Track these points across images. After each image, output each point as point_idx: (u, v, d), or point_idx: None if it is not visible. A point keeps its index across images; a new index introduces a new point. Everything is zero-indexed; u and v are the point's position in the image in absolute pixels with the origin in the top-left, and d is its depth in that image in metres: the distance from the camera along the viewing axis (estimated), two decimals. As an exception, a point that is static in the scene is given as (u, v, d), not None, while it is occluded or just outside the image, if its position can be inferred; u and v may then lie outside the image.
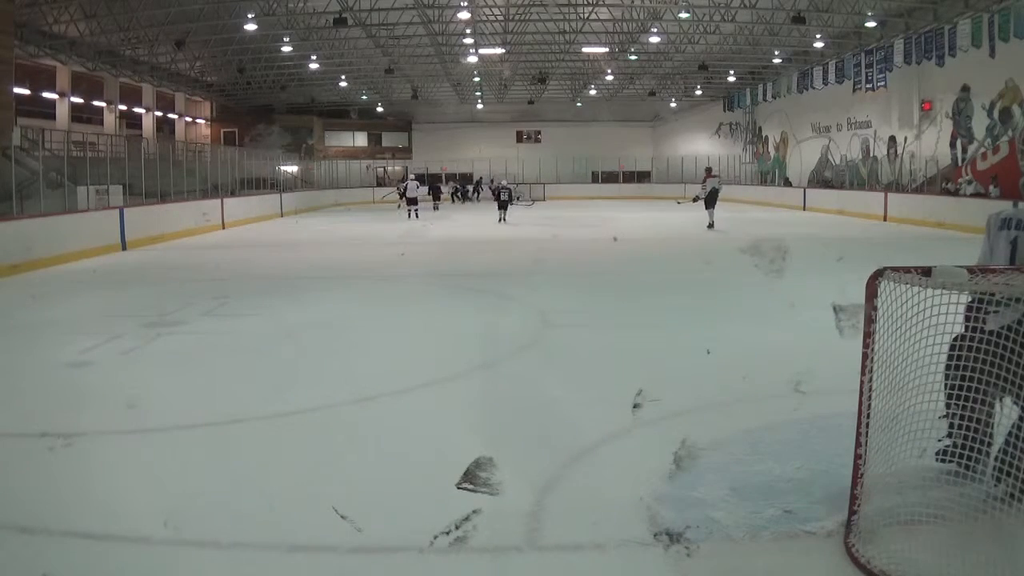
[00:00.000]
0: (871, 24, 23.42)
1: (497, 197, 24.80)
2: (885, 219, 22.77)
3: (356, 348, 7.09)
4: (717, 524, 3.33)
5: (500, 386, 5.75)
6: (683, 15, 24.88)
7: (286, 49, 28.53)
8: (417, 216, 25.63)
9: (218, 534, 3.33)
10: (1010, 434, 3.26)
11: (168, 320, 8.25)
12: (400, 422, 4.92)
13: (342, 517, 3.43)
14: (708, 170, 22.20)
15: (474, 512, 3.45)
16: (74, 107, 27.27)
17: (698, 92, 38.80)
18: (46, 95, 25.99)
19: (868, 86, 25.78)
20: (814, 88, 29.46)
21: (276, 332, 7.78)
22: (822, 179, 31.37)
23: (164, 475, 4.03)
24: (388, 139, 45.49)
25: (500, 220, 23.45)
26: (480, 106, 42.96)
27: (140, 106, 31.76)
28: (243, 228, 22.68)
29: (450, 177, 41.75)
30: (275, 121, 37.93)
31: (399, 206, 29.55)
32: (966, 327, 3.18)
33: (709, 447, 4.11)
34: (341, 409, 5.15)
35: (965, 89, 22.13)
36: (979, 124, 21.66)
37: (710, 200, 19.79)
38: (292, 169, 35.48)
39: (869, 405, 3.06)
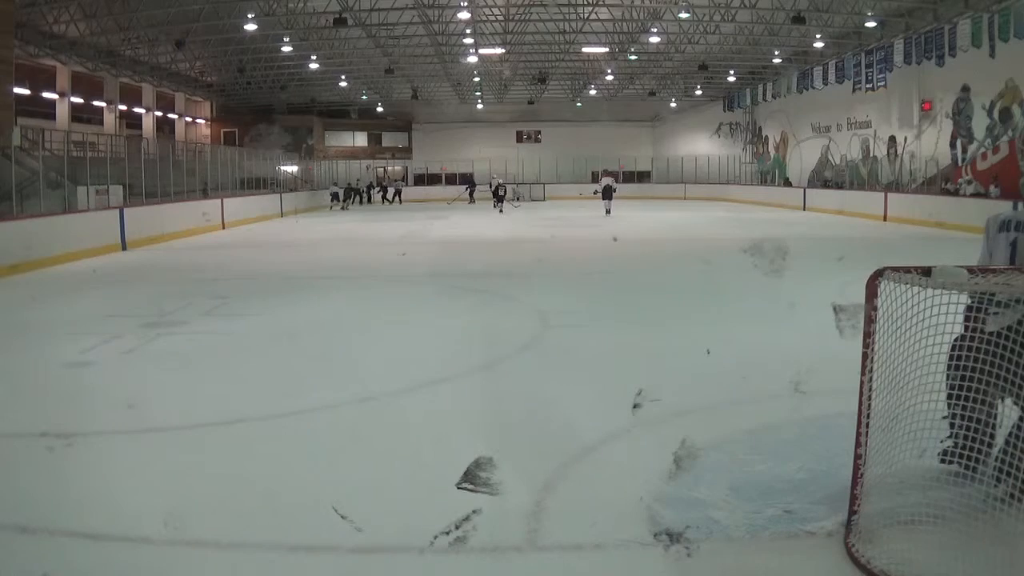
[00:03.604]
0: (871, 24, 23.40)
1: (495, 192, 29.80)
2: (885, 219, 22.76)
3: (356, 348, 7.09)
4: (717, 524, 3.33)
5: (500, 386, 5.75)
6: (683, 15, 24.85)
7: (286, 49, 28.50)
8: (501, 211, 29.17)
9: (218, 534, 3.33)
10: (1010, 434, 3.26)
11: (168, 320, 8.25)
12: (400, 422, 4.92)
13: (342, 517, 3.43)
14: (605, 170, 33.18)
15: (474, 512, 3.45)
16: (74, 107, 27.24)
17: (698, 92, 38.77)
18: (46, 95, 25.97)
19: (868, 86, 25.77)
20: (814, 88, 29.44)
21: (276, 332, 7.78)
22: (822, 179, 31.37)
23: (164, 475, 4.03)
24: (388, 139, 45.44)
25: (499, 211, 27.85)
26: (480, 106, 42.91)
27: (140, 106, 31.74)
28: (243, 228, 22.68)
29: (450, 178, 41.75)
30: (275, 121, 37.86)
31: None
32: (966, 327, 3.18)
33: (709, 447, 4.11)
34: (341, 409, 5.15)
35: (965, 89, 22.12)
36: (979, 124, 21.65)
37: (605, 194, 27.06)
38: (292, 169, 35.45)
39: (869, 405, 3.06)
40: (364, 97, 40.17)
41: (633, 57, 31.05)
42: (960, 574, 2.80)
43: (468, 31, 26.56)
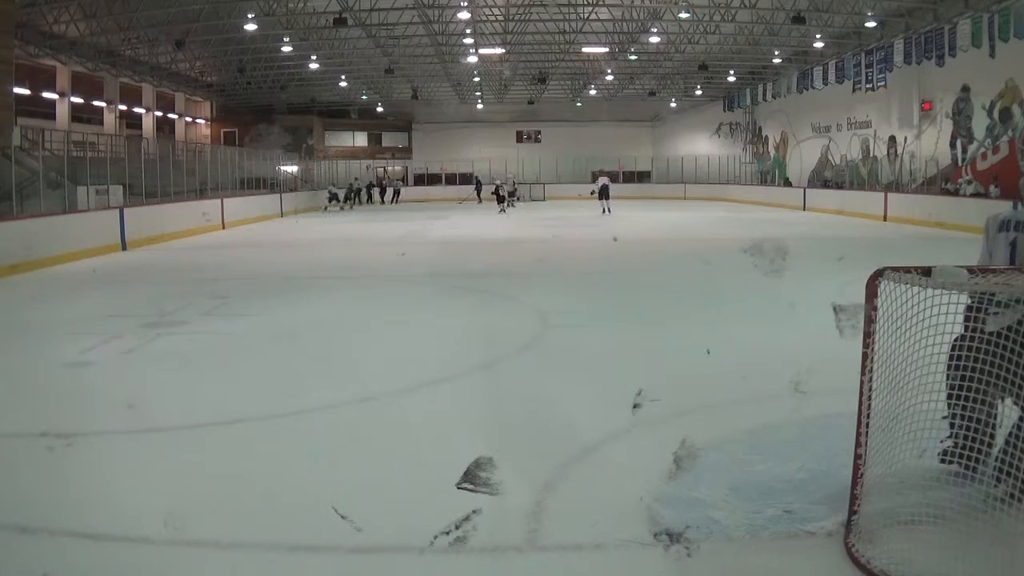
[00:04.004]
0: (871, 24, 23.39)
1: (496, 192, 29.93)
2: (885, 219, 22.76)
3: (356, 348, 7.09)
4: (717, 524, 3.33)
5: (500, 386, 5.75)
6: (683, 15, 24.86)
7: (286, 49, 28.50)
8: (505, 211, 28.64)
9: (218, 534, 3.33)
10: (1010, 434, 3.26)
11: (168, 320, 8.25)
12: (400, 422, 4.92)
13: (342, 517, 3.43)
14: (601, 171, 34.28)
15: (474, 512, 3.45)
16: (74, 107, 27.23)
17: (698, 92, 38.77)
18: (46, 95, 25.96)
19: (868, 86, 25.76)
20: (814, 88, 29.43)
21: (276, 332, 7.78)
22: (822, 179, 31.36)
23: (164, 475, 4.03)
24: (388, 139, 45.45)
25: (501, 211, 28.00)
26: (480, 106, 42.90)
27: (140, 106, 31.73)
28: (243, 228, 22.67)
29: (450, 178, 41.76)
30: (275, 121, 37.85)
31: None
32: (966, 327, 3.18)
33: (709, 447, 4.11)
34: (341, 409, 5.15)
35: (965, 89, 22.12)
36: (979, 124, 21.65)
37: (602, 193, 27.19)
38: (292, 169, 35.45)
39: (869, 405, 3.06)
40: (364, 97, 40.16)
41: (633, 57, 31.04)
42: (960, 574, 2.80)
43: (468, 31, 26.56)
